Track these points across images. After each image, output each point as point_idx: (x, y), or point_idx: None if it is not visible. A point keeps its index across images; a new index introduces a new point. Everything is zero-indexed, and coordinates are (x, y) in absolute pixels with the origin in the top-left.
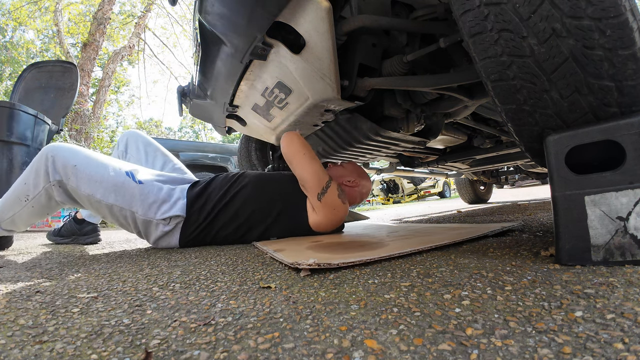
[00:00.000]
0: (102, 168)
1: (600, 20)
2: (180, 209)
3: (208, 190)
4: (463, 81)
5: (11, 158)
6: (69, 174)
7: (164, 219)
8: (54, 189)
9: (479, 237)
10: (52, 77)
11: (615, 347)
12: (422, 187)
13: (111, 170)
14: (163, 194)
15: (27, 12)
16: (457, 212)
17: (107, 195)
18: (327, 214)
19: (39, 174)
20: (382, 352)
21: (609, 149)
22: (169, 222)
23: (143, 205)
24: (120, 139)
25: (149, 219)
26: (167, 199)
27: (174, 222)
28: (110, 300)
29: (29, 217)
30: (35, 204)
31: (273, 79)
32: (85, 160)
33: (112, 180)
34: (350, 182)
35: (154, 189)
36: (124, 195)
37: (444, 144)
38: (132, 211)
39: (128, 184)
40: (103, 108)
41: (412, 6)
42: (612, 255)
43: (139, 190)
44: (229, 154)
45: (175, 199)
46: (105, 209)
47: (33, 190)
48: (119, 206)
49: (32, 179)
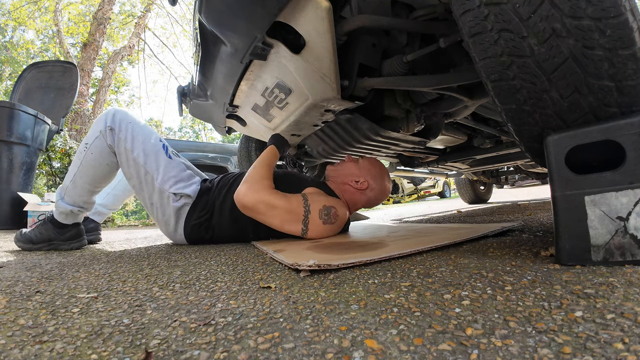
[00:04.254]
0: (148, 133)
1: (600, 20)
2: (191, 191)
3: (215, 186)
4: (463, 81)
5: (11, 158)
6: (122, 127)
7: (175, 193)
8: (107, 132)
9: (479, 238)
10: (52, 77)
11: (615, 347)
12: (422, 187)
13: (153, 139)
14: (184, 175)
15: (27, 12)
16: (457, 212)
17: (141, 155)
18: (320, 235)
19: (98, 123)
20: (382, 352)
21: (609, 149)
22: (178, 198)
23: (164, 176)
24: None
25: (163, 188)
26: (185, 179)
27: (182, 202)
28: (110, 300)
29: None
30: (93, 150)
31: (273, 79)
32: (139, 122)
33: (150, 145)
34: (357, 184)
35: (178, 168)
36: (152, 160)
37: (444, 144)
38: (152, 177)
39: (160, 154)
40: (103, 108)
41: (412, 6)
42: (612, 255)
43: (166, 162)
44: (229, 154)
45: (191, 182)
46: (134, 167)
47: (92, 135)
48: (145, 169)
49: (93, 127)
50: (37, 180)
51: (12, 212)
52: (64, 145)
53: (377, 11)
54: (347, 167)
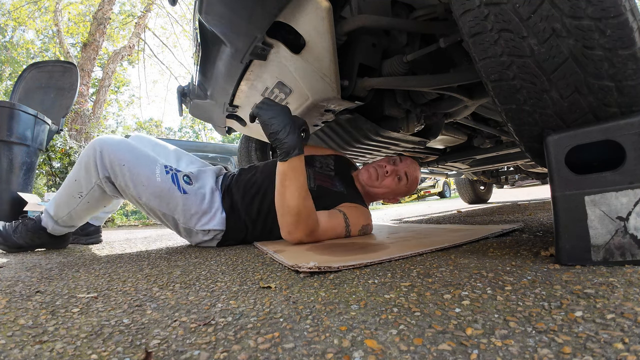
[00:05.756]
0: (150, 170)
1: (600, 20)
2: (219, 223)
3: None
4: (463, 81)
5: (11, 158)
6: (117, 173)
7: (204, 230)
8: (105, 183)
9: (479, 239)
10: (52, 77)
11: (615, 347)
12: (422, 187)
13: (158, 175)
14: (204, 206)
15: (27, 12)
16: (457, 212)
17: (152, 199)
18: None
19: (88, 169)
20: (382, 352)
21: (609, 149)
22: (208, 232)
23: (185, 215)
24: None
25: (189, 227)
26: (207, 210)
27: (213, 234)
28: (110, 300)
29: (86, 211)
30: (90, 199)
31: (273, 79)
32: (133, 159)
33: (159, 186)
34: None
35: (197, 200)
36: (168, 202)
37: (444, 144)
38: (174, 217)
39: (173, 192)
40: (103, 108)
41: (412, 6)
42: (612, 255)
43: (183, 200)
44: (229, 154)
45: (215, 210)
46: (148, 211)
47: (85, 185)
48: (161, 211)
49: (83, 175)
50: (37, 180)
51: (12, 212)
52: (64, 145)
53: (377, 11)
54: (387, 184)
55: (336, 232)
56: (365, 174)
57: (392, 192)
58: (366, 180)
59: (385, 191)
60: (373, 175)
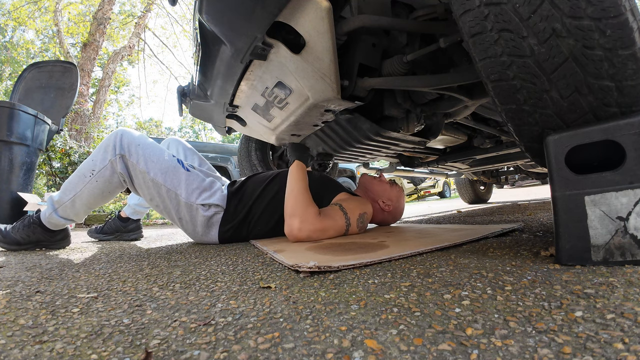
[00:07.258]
0: (159, 152)
1: (600, 20)
2: (219, 199)
3: (245, 186)
4: (463, 81)
5: (11, 158)
6: (132, 151)
7: (203, 204)
8: (117, 161)
9: (479, 239)
10: (52, 77)
11: (615, 347)
12: (422, 187)
13: (166, 155)
14: (205, 184)
15: (27, 12)
16: (457, 212)
17: (159, 174)
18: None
19: (107, 149)
20: (382, 352)
21: (609, 149)
22: (208, 208)
23: (187, 190)
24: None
25: (190, 202)
26: (208, 188)
27: (213, 210)
28: (110, 300)
29: (89, 196)
30: (99, 178)
31: (273, 79)
32: (147, 142)
33: (166, 163)
34: (384, 204)
35: (199, 178)
36: (172, 177)
37: (444, 144)
38: (176, 193)
39: (178, 169)
40: (103, 108)
41: (412, 6)
42: (612, 255)
43: (186, 176)
44: (229, 154)
45: (215, 189)
46: (153, 188)
47: (100, 163)
48: (166, 187)
49: (100, 154)
50: (37, 180)
51: (12, 212)
52: (64, 145)
53: (377, 11)
54: (383, 187)
55: (337, 225)
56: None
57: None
58: (367, 184)
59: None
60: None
